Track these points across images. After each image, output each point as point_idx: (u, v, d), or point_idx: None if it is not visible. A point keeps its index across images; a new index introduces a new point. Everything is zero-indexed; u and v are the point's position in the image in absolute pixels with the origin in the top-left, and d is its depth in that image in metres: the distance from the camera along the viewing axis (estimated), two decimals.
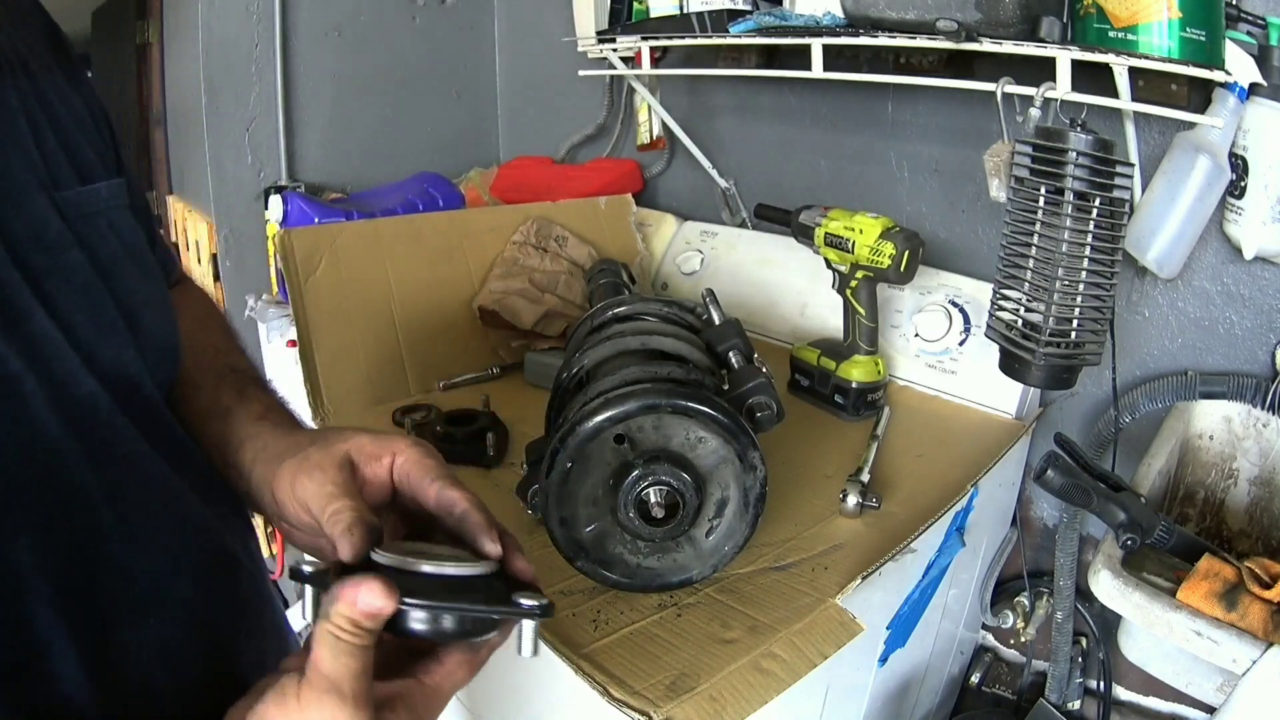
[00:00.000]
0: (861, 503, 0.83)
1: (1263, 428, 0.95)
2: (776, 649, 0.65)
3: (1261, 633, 0.66)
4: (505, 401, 1.05)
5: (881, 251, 0.98)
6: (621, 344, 0.76)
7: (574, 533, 0.67)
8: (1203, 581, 0.70)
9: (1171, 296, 1.02)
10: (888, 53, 1.14)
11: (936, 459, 0.95)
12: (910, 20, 0.92)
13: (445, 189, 1.49)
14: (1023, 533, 1.19)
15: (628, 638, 0.66)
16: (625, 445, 0.65)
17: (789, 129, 1.40)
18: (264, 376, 0.62)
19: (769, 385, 0.73)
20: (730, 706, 0.59)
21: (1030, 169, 0.78)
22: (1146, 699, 1.11)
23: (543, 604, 0.40)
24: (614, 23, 1.42)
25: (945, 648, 1.10)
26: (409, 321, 1.16)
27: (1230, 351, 0.99)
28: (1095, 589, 0.74)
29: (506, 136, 1.95)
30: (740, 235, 1.41)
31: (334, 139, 1.68)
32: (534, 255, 1.28)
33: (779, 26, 1.07)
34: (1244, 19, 0.86)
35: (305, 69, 1.61)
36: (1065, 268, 0.77)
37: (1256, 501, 0.97)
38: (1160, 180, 0.91)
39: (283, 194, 1.34)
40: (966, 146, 1.15)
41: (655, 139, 1.57)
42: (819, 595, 0.71)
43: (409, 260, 1.19)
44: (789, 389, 1.12)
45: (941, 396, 1.10)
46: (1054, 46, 0.86)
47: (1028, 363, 0.82)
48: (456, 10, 1.80)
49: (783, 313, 1.29)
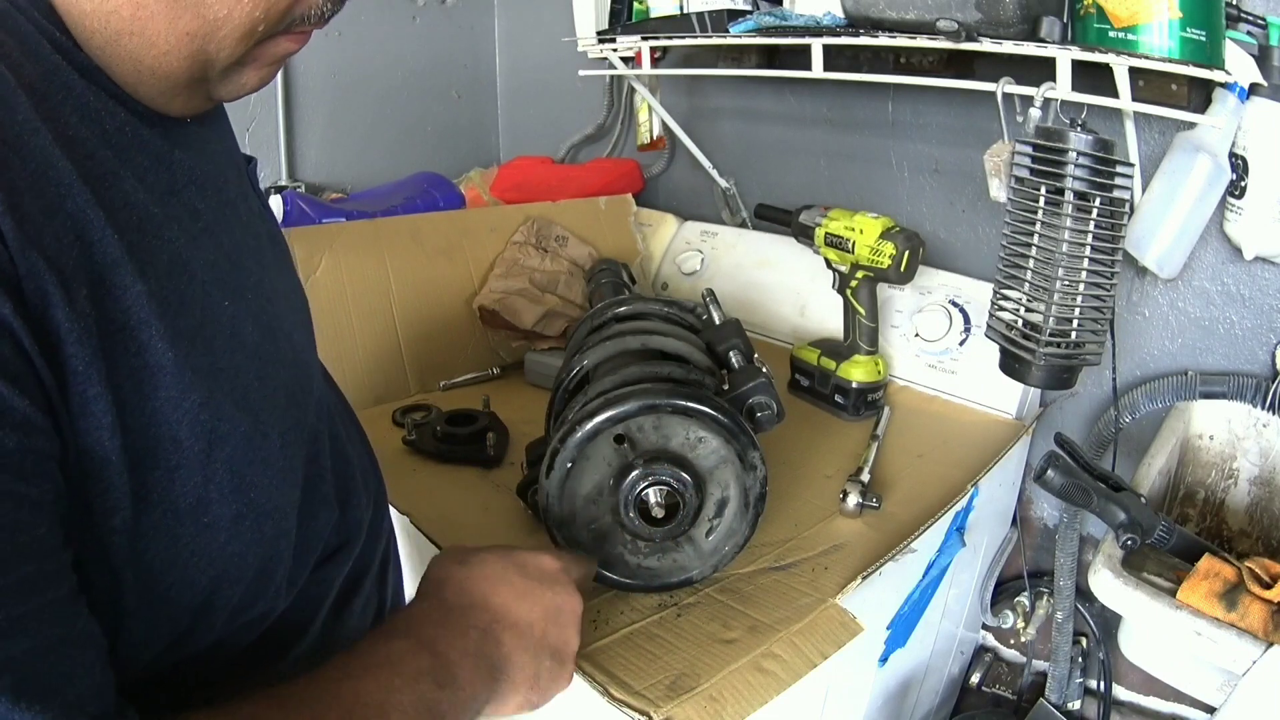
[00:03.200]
0: (861, 503, 0.83)
1: (1263, 428, 0.95)
2: (776, 649, 0.65)
3: (1261, 633, 0.66)
4: (505, 401, 1.05)
5: (882, 251, 0.97)
6: (622, 344, 0.76)
7: (574, 533, 0.67)
8: (1203, 581, 0.70)
9: (1171, 296, 1.02)
10: (888, 53, 1.14)
11: (936, 459, 0.95)
12: (910, 20, 0.92)
13: (445, 189, 1.49)
14: (1023, 533, 1.19)
15: (628, 638, 0.66)
16: (625, 445, 0.65)
17: (789, 129, 1.40)
18: None
19: (769, 385, 0.73)
20: (730, 706, 0.59)
21: (1030, 169, 0.78)
22: (1146, 699, 1.11)
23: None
24: (614, 23, 1.42)
25: (945, 648, 1.10)
26: (409, 321, 1.16)
27: (1230, 351, 0.99)
28: (1095, 589, 0.74)
29: (506, 136, 1.95)
30: (740, 235, 1.41)
31: (334, 139, 1.68)
32: (534, 255, 1.28)
33: (779, 26, 1.07)
34: (1244, 19, 0.86)
35: (305, 69, 1.60)
36: (1065, 268, 0.77)
37: (1256, 501, 0.97)
38: (1160, 180, 0.91)
39: (283, 194, 1.34)
40: (966, 146, 1.15)
41: (655, 139, 1.57)
42: (819, 595, 0.71)
43: (409, 260, 1.19)
44: (789, 389, 1.12)
45: (941, 396, 1.10)
46: (1054, 46, 0.86)
47: (1028, 363, 0.82)
48: (456, 10, 1.80)
49: (783, 313, 1.29)
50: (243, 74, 0.42)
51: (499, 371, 1.21)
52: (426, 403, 1.09)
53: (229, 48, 0.38)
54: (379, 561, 0.60)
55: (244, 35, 0.38)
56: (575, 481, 0.66)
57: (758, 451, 0.66)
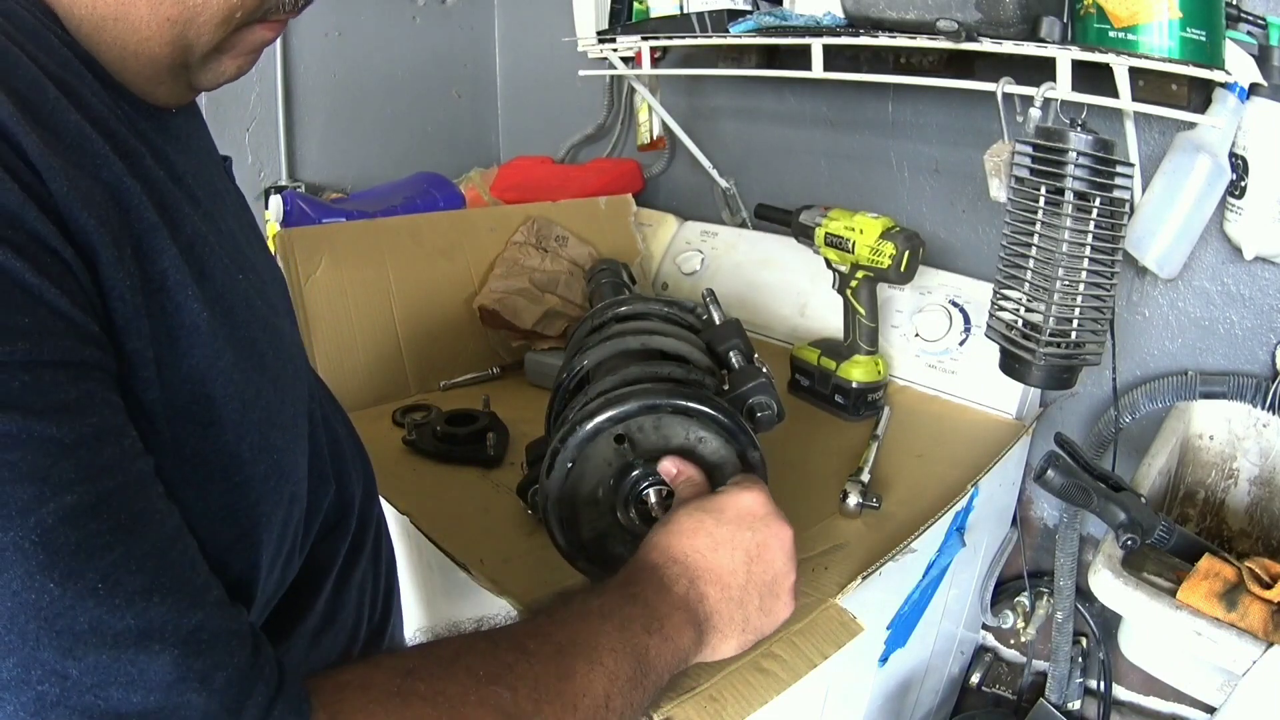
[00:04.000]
0: (861, 503, 0.83)
1: (1263, 428, 0.95)
2: (776, 649, 0.65)
3: (1262, 633, 0.66)
4: (505, 401, 1.05)
5: (882, 251, 0.97)
6: (622, 344, 0.76)
7: (574, 533, 0.67)
8: (1203, 581, 0.70)
9: (1171, 296, 1.02)
10: (888, 53, 1.14)
11: (936, 459, 0.95)
12: (910, 20, 0.92)
13: (445, 189, 1.49)
14: (1023, 533, 1.19)
15: None
16: (626, 445, 0.65)
17: (789, 129, 1.40)
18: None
19: (769, 385, 0.73)
20: (730, 706, 0.59)
21: (1030, 169, 0.78)
22: (1146, 699, 1.11)
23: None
24: (614, 23, 1.42)
25: (945, 648, 1.10)
26: (409, 321, 1.16)
27: (1230, 351, 0.99)
28: (1095, 589, 0.74)
29: (506, 136, 1.95)
30: (740, 235, 1.41)
31: (334, 139, 1.68)
32: (534, 255, 1.28)
33: (779, 26, 1.07)
34: (1244, 19, 0.86)
35: (305, 69, 1.60)
36: (1065, 268, 0.77)
37: (1257, 501, 0.97)
38: (1160, 180, 0.91)
39: (283, 194, 1.33)
40: (966, 146, 1.15)
41: (655, 139, 1.57)
42: (819, 595, 0.71)
43: (409, 260, 1.19)
44: (789, 389, 1.12)
45: (941, 396, 1.10)
46: (1054, 46, 0.86)
47: (1028, 363, 0.82)
48: (456, 10, 1.80)
49: (783, 313, 1.29)
50: (221, 61, 0.43)
51: (499, 371, 1.21)
52: (426, 403, 1.09)
53: (208, 34, 0.40)
54: (372, 542, 0.61)
55: (222, 21, 0.40)
56: (575, 481, 0.66)
57: (758, 451, 0.66)
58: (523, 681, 0.41)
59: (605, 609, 0.49)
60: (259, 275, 0.48)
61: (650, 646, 0.48)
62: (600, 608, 0.49)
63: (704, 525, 0.56)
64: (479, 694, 0.40)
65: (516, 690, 0.41)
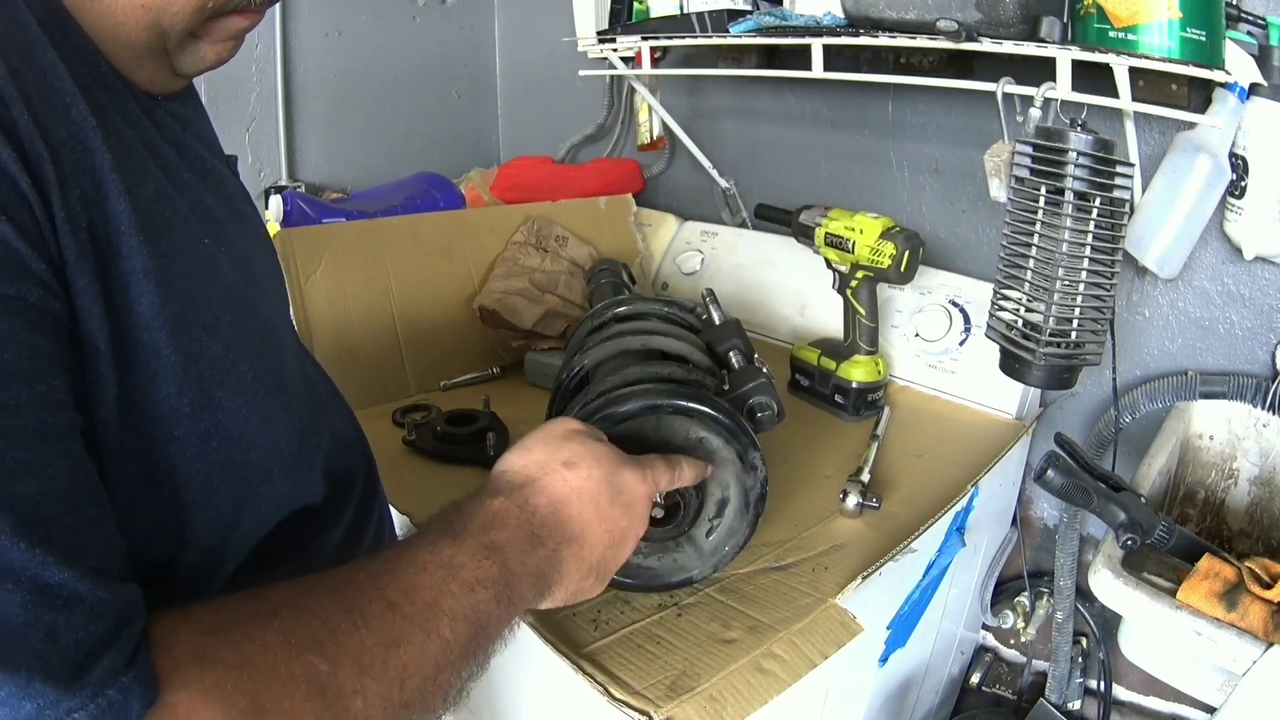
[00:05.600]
0: (861, 503, 0.83)
1: (1263, 428, 0.95)
2: (776, 649, 0.65)
3: (1261, 633, 0.66)
4: (505, 401, 1.05)
5: (881, 251, 0.97)
6: (622, 344, 0.76)
7: None
8: (1203, 581, 0.70)
9: (1171, 296, 1.02)
10: (888, 53, 1.14)
11: (936, 459, 0.95)
12: (910, 20, 0.92)
13: (445, 189, 1.49)
14: (1023, 533, 1.19)
15: (628, 637, 0.66)
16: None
17: (789, 129, 1.40)
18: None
19: (770, 385, 0.73)
20: (730, 706, 0.59)
21: (1030, 169, 0.78)
22: (1146, 699, 1.11)
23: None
24: (614, 23, 1.42)
25: (945, 648, 1.10)
26: (409, 321, 1.16)
27: (1230, 351, 0.99)
28: (1095, 589, 0.74)
29: (506, 136, 1.95)
30: (740, 235, 1.41)
31: (334, 139, 1.68)
32: (534, 255, 1.28)
33: (779, 26, 1.07)
34: (1244, 19, 0.86)
35: (305, 69, 1.60)
36: (1065, 268, 0.77)
37: (1256, 501, 0.97)
38: (1160, 180, 0.91)
39: (283, 194, 1.34)
40: (966, 146, 1.15)
41: (655, 139, 1.56)
42: (819, 595, 0.71)
43: (409, 260, 1.19)
44: (789, 389, 1.12)
45: (941, 396, 1.10)
46: (1054, 46, 0.86)
47: (1028, 363, 0.82)
48: (456, 10, 1.80)
49: (783, 313, 1.29)
50: (199, 48, 0.45)
51: (499, 371, 1.21)
52: (426, 403, 1.08)
53: (182, 21, 0.42)
54: (372, 539, 0.60)
55: (195, 10, 0.42)
56: None
57: (758, 452, 0.66)
58: (345, 652, 0.38)
59: (458, 562, 0.45)
60: (240, 254, 0.47)
61: (493, 614, 0.45)
62: (452, 560, 0.45)
63: (601, 495, 0.55)
64: (289, 665, 0.35)
65: (337, 664, 0.37)
